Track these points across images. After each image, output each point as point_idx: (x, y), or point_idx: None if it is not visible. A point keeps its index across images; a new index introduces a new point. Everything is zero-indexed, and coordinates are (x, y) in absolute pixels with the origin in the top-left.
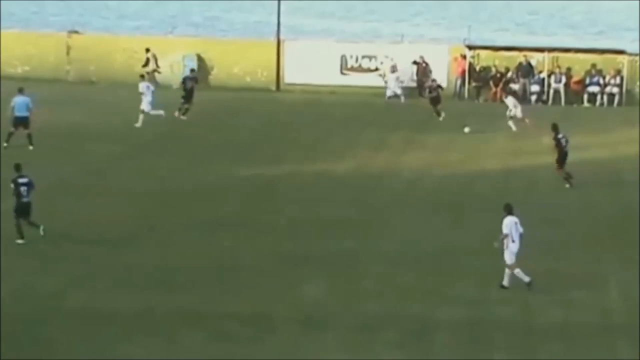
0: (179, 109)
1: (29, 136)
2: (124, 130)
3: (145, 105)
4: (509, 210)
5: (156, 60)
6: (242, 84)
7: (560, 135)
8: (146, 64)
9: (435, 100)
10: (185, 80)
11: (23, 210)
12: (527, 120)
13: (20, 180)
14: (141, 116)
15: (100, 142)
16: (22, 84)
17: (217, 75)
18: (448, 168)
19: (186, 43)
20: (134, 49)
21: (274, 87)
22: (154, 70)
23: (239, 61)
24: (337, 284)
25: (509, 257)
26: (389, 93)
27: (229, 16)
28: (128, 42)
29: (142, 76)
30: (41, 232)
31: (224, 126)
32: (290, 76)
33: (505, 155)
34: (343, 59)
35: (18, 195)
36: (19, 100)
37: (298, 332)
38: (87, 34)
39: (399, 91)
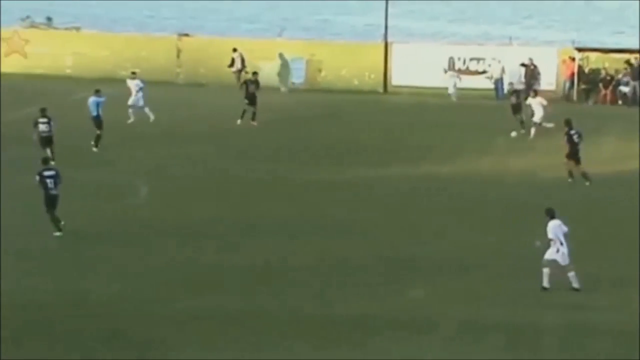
0: (242, 115)
1: (97, 137)
2: (229, 132)
3: (135, 101)
4: (552, 215)
5: (243, 60)
6: (349, 86)
7: (573, 131)
8: (232, 64)
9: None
10: (247, 83)
11: (51, 203)
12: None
13: (46, 174)
14: (130, 111)
15: (204, 144)
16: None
17: (325, 77)
18: (554, 171)
19: (294, 46)
20: (243, 51)
21: (381, 90)
22: (240, 70)
23: (346, 64)
24: (442, 287)
25: (562, 259)
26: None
27: (340, 19)
28: (237, 45)
29: (133, 73)
30: (57, 233)
31: (331, 128)
32: (398, 78)
33: (614, 159)
34: (451, 61)
35: (45, 187)
36: (91, 100)
37: (402, 335)
38: (197, 36)
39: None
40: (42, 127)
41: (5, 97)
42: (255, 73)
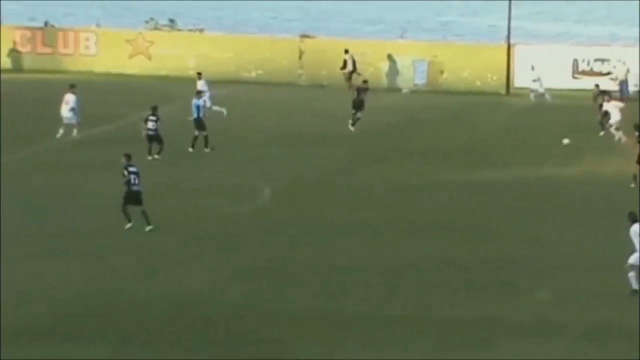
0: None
1: (205, 138)
2: (350, 134)
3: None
4: (634, 219)
5: (354, 62)
6: (471, 87)
7: None
8: (344, 66)
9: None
10: (359, 90)
11: (133, 198)
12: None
13: (131, 169)
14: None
15: (328, 146)
16: (255, 88)
17: (447, 79)
18: None
19: (417, 47)
20: (364, 53)
21: (503, 91)
22: (352, 72)
23: (468, 65)
24: (566, 290)
25: (632, 259)
26: None
27: (463, 20)
28: (358, 46)
29: (199, 74)
30: (126, 227)
31: (452, 130)
32: (520, 80)
33: None
34: (575, 62)
35: (128, 183)
36: (193, 102)
37: (528, 338)
38: (319, 38)
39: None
40: (150, 125)
41: (129, 98)
42: (365, 81)
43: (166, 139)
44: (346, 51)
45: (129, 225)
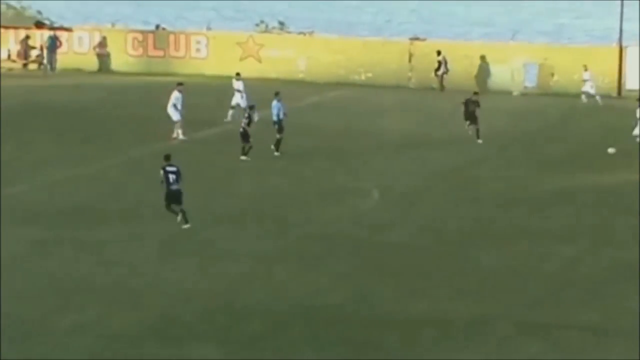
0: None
1: (278, 141)
2: (461, 137)
3: (239, 101)
4: None
5: (446, 63)
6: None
7: None
8: (438, 67)
9: None
10: (467, 102)
11: (173, 197)
12: None
13: (169, 169)
14: (230, 112)
15: (437, 150)
16: (365, 91)
17: (557, 81)
18: None
19: (528, 50)
20: (474, 55)
21: (614, 94)
22: (444, 73)
23: (579, 68)
24: None
25: None
26: None
27: (576, 23)
28: (468, 49)
29: (237, 74)
30: (177, 220)
31: (564, 133)
32: (632, 82)
33: None
34: None
35: (167, 182)
36: (273, 104)
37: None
38: (428, 40)
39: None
40: (242, 123)
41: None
42: (476, 93)
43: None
44: (438, 53)
45: (179, 218)
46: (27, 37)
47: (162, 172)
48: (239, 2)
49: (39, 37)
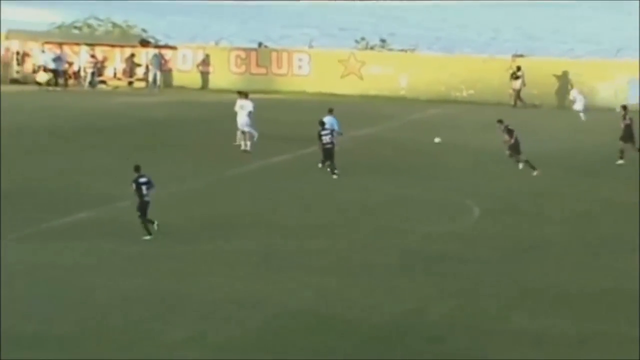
0: (621, 155)
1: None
2: (564, 154)
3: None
4: None
5: (523, 77)
6: None
7: None
8: (514, 79)
9: None
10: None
11: (144, 208)
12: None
13: (141, 180)
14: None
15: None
16: (466, 108)
17: None
18: None
19: (632, 67)
20: (579, 73)
21: None
22: (519, 90)
23: None
24: None
25: None
26: None
27: None
28: (568, 66)
29: (239, 92)
30: (155, 227)
31: None
32: None
33: None
34: None
35: (140, 194)
36: (327, 120)
37: None
38: (531, 57)
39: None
40: (325, 139)
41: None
42: (624, 107)
43: (372, 158)
44: (518, 68)
45: (156, 224)
46: (133, 55)
47: (133, 184)
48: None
49: (144, 56)
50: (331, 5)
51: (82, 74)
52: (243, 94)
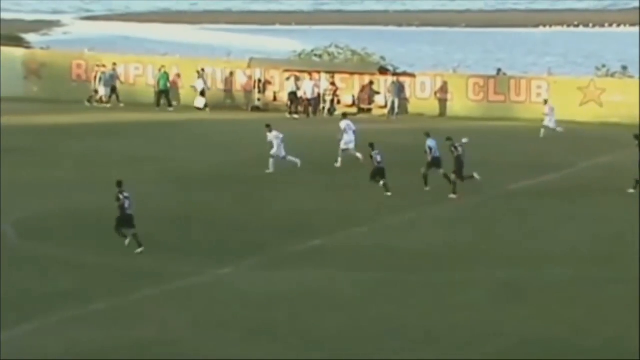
0: None
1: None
2: None
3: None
4: None
5: None
6: None
7: None
8: None
9: None
10: None
11: (127, 222)
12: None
13: (125, 195)
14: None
15: None
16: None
17: None
18: None
19: None
20: None
21: None
22: None
23: None
24: None
25: None
26: None
27: None
28: None
29: (267, 126)
30: (126, 243)
31: None
32: None
33: None
34: None
35: (123, 207)
36: (430, 143)
37: None
38: None
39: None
40: (377, 158)
41: (580, 146)
42: None
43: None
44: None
45: (127, 240)
46: (372, 82)
47: (121, 197)
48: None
49: (383, 83)
50: (576, 33)
51: (321, 101)
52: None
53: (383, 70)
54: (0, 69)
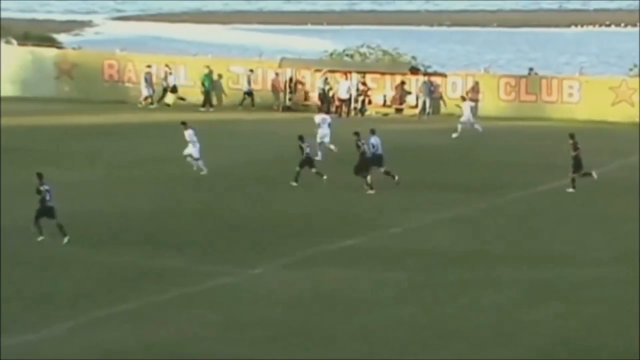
0: None
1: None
2: None
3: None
4: None
5: None
6: None
7: None
8: None
9: None
10: None
11: (47, 213)
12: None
13: (45, 187)
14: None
15: None
16: None
17: None
18: None
19: None
20: None
21: None
22: None
23: None
24: None
25: None
26: None
27: None
28: None
29: (183, 123)
30: (38, 240)
31: None
32: None
33: None
34: None
35: (44, 199)
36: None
37: None
38: None
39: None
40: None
41: (611, 145)
42: None
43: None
44: None
45: (41, 238)
46: (403, 82)
47: (43, 189)
48: (617, 47)
49: (414, 83)
50: (610, 32)
51: (352, 101)
52: None
53: (414, 70)
54: (30, 70)
